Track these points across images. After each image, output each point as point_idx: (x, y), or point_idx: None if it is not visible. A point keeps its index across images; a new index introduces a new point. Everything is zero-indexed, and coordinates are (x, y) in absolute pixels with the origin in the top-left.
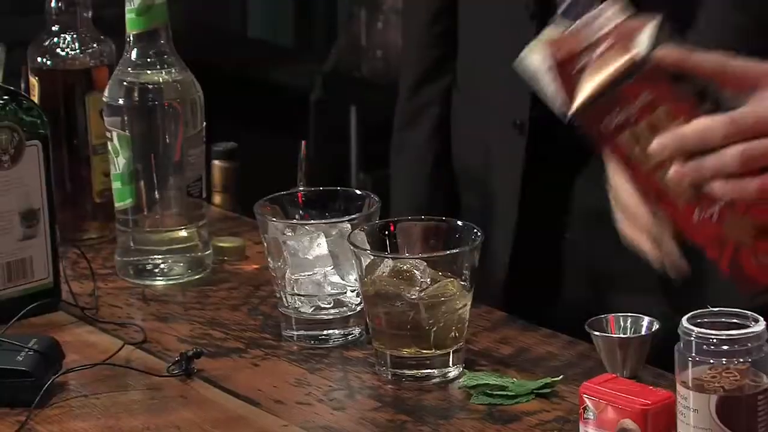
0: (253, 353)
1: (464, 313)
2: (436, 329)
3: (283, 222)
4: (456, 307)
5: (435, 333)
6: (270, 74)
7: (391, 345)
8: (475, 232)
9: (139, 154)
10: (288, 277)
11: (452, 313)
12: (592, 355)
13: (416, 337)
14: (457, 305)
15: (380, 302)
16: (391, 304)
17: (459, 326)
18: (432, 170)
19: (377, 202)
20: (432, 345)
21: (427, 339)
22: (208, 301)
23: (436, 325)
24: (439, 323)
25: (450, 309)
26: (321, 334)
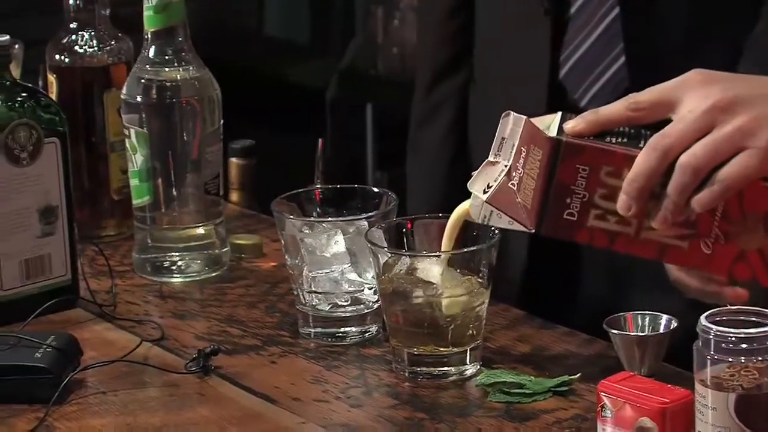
0: (270, 350)
1: (481, 310)
2: (453, 327)
3: (301, 219)
4: (473, 305)
5: (452, 331)
6: (286, 72)
7: (409, 343)
8: (492, 230)
9: (157, 152)
10: (305, 275)
11: (470, 311)
12: (610, 354)
13: (433, 334)
14: (474, 303)
15: (397, 300)
16: (409, 302)
17: (476, 324)
18: (448, 168)
19: (395, 200)
20: (449, 343)
21: (444, 337)
22: (226, 298)
23: (454, 323)
24: (457, 321)
25: (467, 307)
26: (338, 332)
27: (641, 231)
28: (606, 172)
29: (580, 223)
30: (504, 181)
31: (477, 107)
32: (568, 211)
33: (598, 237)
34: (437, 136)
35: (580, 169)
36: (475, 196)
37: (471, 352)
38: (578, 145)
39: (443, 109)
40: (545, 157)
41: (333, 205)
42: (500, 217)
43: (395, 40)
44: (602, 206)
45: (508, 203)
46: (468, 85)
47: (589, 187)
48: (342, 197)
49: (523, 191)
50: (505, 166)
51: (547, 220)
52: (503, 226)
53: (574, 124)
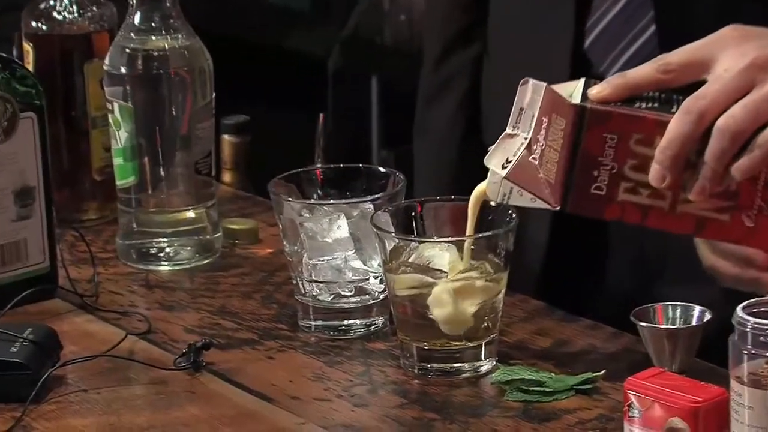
0: (266, 345)
1: (498, 302)
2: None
3: (300, 202)
4: (489, 296)
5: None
6: (284, 41)
7: (418, 336)
8: (510, 214)
9: (143, 128)
10: (305, 263)
11: (485, 302)
12: (638, 348)
13: None
14: (490, 293)
15: (406, 289)
16: (418, 292)
17: (492, 316)
18: (460, 147)
19: (402, 181)
20: (462, 337)
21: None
22: (218, 288)
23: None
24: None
25: (482, 297)
26: (341, 325)
27: (677, 204)
28: (636, 140)
29: (609, 197)
30: (524, 155)
31: (491, 82)
32: (596, 184)
33: (630, 212)
34: (447, 113)
35: (607, 138)
36: (492, 173)
37: (486, 346)
38: (605, 112)
39: (453, 84)
40: (569, 127)
41: (335, 186)
42: (521, 194)
43: (403, 6)
44: (633, 178)
45: (530, 179)
46: (481, 58)
47: (617, 158)
48: (345, 178)
49: (545, 165)
50: (525, 139)
51: (572, 196)
52: (525, 204)
53: (599, 89)
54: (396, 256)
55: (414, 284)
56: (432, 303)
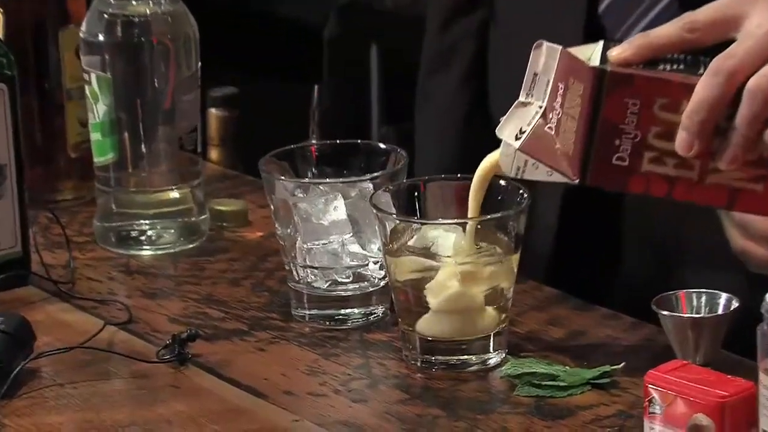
0: (257, 336)
1: (508, 289)
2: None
3: (294, 181)
4: (498, 282)
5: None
6: (276, 6)
7: (422, 326)
8: (521, 193)
9: (123, 101)
10: (299, 247)
11: (494, 288)
12: (660, 339)
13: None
14: (499, 279)
15: (408, 275)
16: (422, 278)
17: (501, 304)
18: (465, 121)
19: (404, 158)
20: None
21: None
22: (205, 274)
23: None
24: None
25: (491, 284)
26: (338, 314)
27: (706, 174)
28: (660, 105)
29: (632, 168)
30: (539, 125)
31: (498, 49)
32: (618, 155)
33: (655, 184)
34: (451, 83)
35: (629, 103)
36: (505, 145)
37: (495, 337)
38: (626, 75)
39: (459, 52)
40: (587, 93)
41: (332, 163)
42: (537, 167)
43: None
44: (658, 147)
45: (546, 150)
46: (487, 23)
47: (641, 125)
48: (342, 155)
49: (562, 135)
50: (540, 107)
51: (593, 168)
52: (541, 178)
53: (620, 50)
54: (397, 239)
55: (416, 268)
56: (432, 290)
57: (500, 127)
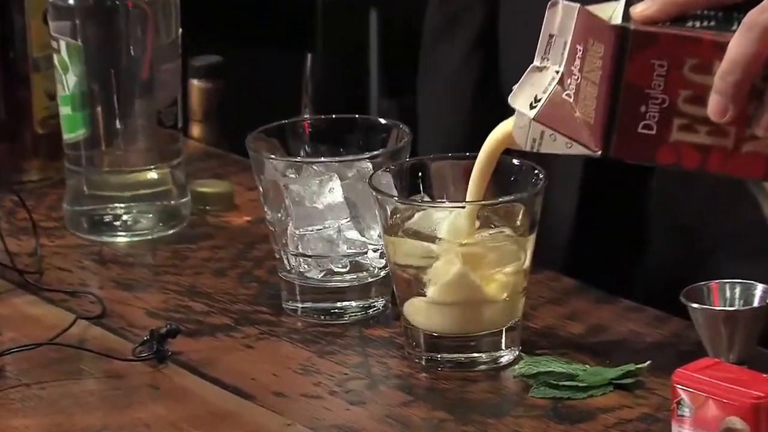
0: (244, 331)
1: (521, 278)
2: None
3: (285, 160)
4: (510, 272)
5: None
6: None
7: (427, 320)
8: (536, 174)
9: (95, 71)
10: (291, 233)
11: (506, 279)
12: (689, 335)
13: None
14: (512, 269)
15: (412, 264)
16: (426, 267)
17: (514, 296)
18: (474, 93)
19: (407, 134)
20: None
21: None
22: (186, 263)
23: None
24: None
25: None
26: (334, 307)
27: (742, 142)
28: (690, 66)
29: (660, 137)
30: (557, 91)
31: (510, 14)
32: (644, 122)
33: (687, 155)
34: (458, 51)
35: (655, 65)
36: (519, 115)
37: (507, 333)
38: (651, 34)
39: (466, 18)
40: (609, 54)
41: (327, 141)
42: (554, 139)
43: None
44: (688, 113)
45: (565, 119)
46: None
47: (669, 89)
48: (338, 131)
49: (582, 102)
50: (557, 72)
51: (617, 138)
52: (559, 150)
53: (643, 6)
54: (399, 225)
55: (416, 252)
56: (431, 277)
57: (513, 95)
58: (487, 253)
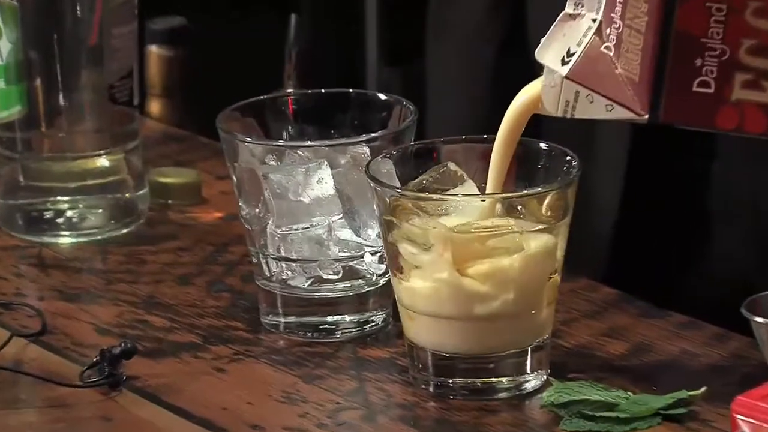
0: (215, 352)
1: (551, 288)
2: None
3: (264, 144)
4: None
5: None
6: None
7: (435, 337)
8: (568, 160)
9: (34, 35)
10: (271, 232)
11: (528, 281)
12: (752, 355)
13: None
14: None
15: (419, 268)
16: (436, 272)
17: (541, 308)
18: (495, 56)
19: (412, 112)
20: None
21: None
22: (144, 269)
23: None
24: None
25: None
26: (323, 322)
27: None
28: (754, 9)
29: (719, 96)
30: (594, 43)
31: None
32: (700, 79)
33: (752, 117)
34: (477, 10)
35: (712, 8)
36: (548, 73)
37: (533, 353)
38: None
39: None
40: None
41: (315, 120)
42: (591, 101)
43: None
44: (754, 66)
45: (604, 76)
46: None
47: (729, 38)
48: (329, 108)
49: (624, 56)
50: (593, 20)
51: (667, 98)
52: (598, 115)
53: None
54: (402, 222)
55: (415, 238)
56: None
57: (541, 49)
58: (485, 244)
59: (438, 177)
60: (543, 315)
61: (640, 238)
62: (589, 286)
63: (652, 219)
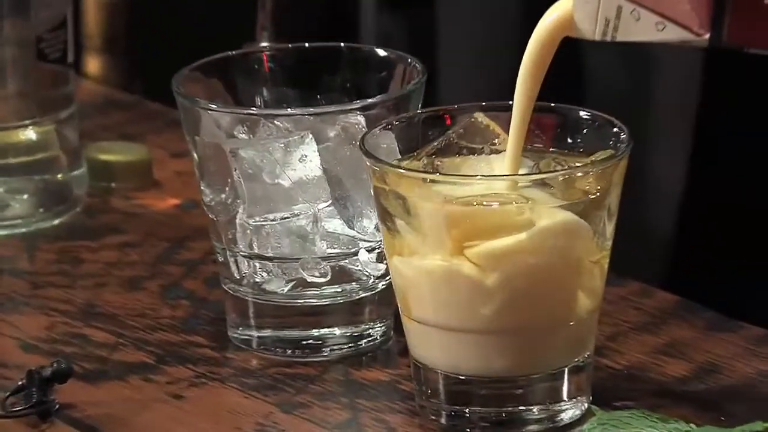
0: (170, 374)
1: (593, 291)
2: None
3: (233, 111)
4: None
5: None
6: None
7: (448, 355)
8: (615, 132)
9: None
10: (242, 224)
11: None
12: None
13: None
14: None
15: (427, 267)
16: (450, 270)
17: (579, 318)
18: (519, 12)
19: (419, 72)
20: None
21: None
22: (81, 270)
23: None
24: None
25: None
26: (307, 337)
27: None
28: None
29: None
30: None
31: None
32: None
33: None
34: None
35: None
36: None
37: (571, 376)
38: None
39: None
40: None
41: (296, 82)
42: (638, 17)
43: None
44: None
45: None
46: None
47: None
48: (313, 67)
49: None
50: None
51: (732, 14)
52: (645, 36)
53: None
54: (409, 209)
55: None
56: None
57: None
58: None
59: (462, 132)
60: (583, 326)
61: (707, 233)
62: (642, 292)
63: (722, 211)
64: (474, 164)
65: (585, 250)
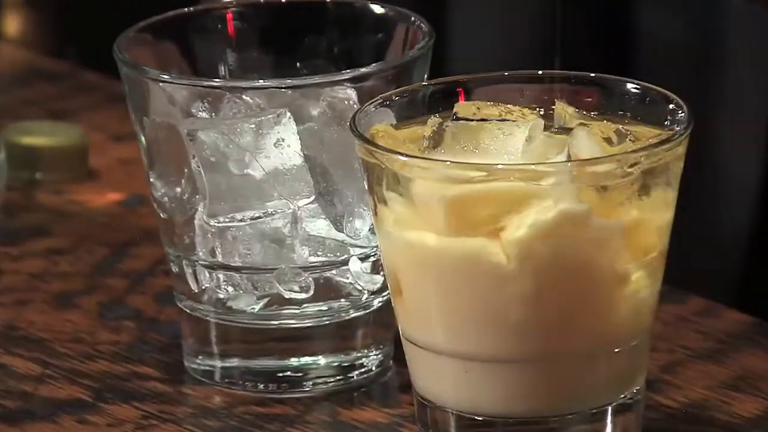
0: (112, 413)
1: (644, 309)
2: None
3: (191, 83)
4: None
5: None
6: None
7: (461, 389)
8: (672, 110)
9: None
10: (201, 225)
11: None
12: None
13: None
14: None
15: (437, 275)
16: (469, 276)
17: (626, 342)
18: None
19: (426, 33)
20: None
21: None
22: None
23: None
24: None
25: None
26: (285, 368)
27: None
28: None
29: None
30: None
31: None
32: None
33: None
34: None
35: None
36: None
37: (616, 416)
38: None
39: None
40: None
41: (270, 47)
42: None
43: None
44: None
45: None
46: None
47: None
48: (292, 28)
49: None
50: None
51: None
52: None
53: None
54: (412, 202)
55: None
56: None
57: None
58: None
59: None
60: (630, 354)
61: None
62: (706, 310)
63: None
64: (492, 131)
65: (658, 279)
